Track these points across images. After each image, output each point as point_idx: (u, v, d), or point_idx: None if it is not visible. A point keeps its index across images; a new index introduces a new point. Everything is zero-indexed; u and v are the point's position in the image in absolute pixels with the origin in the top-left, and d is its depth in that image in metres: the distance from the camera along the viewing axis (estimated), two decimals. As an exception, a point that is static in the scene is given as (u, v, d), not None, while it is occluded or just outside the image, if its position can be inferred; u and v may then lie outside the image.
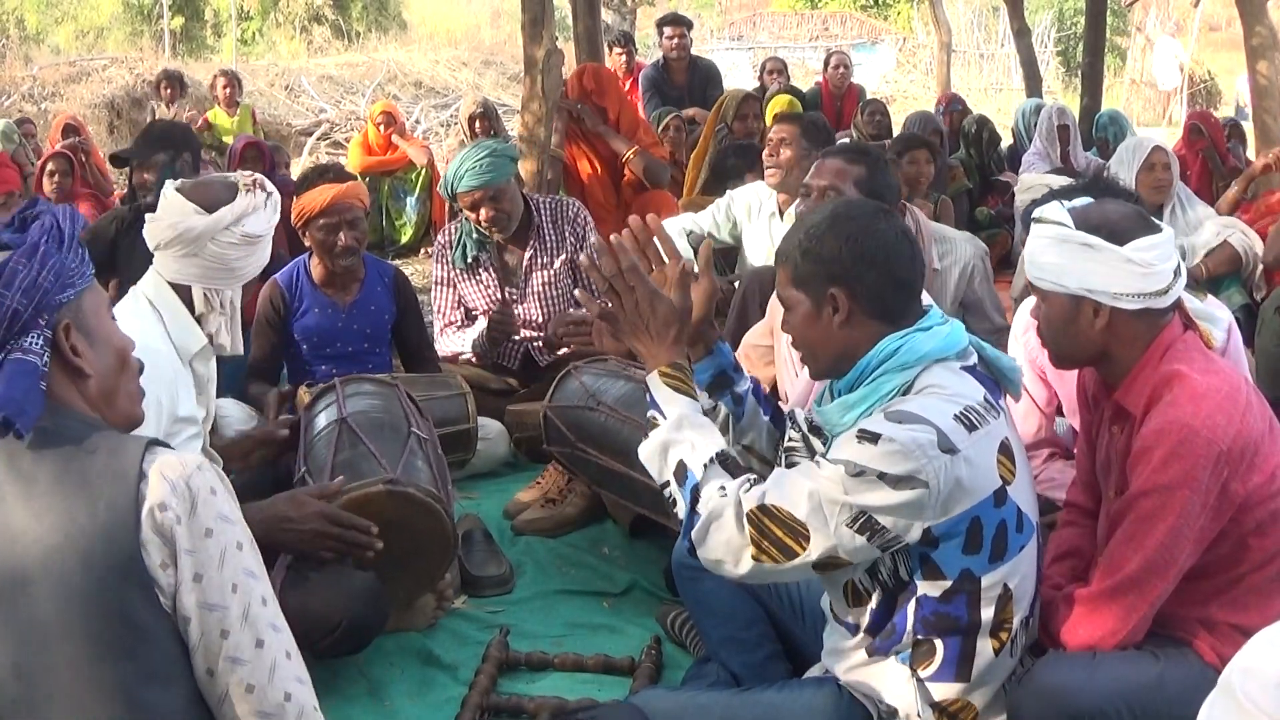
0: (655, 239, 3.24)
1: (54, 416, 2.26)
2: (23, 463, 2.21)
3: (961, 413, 2.85)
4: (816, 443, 3.16)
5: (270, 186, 4.23)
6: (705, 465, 2.96)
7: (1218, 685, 1.72)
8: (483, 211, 6.01)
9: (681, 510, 2.98)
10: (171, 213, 3.99)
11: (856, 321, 3.02)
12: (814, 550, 2.82)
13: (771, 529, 2.84)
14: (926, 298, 3.19)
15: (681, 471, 2.99)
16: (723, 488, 2.91)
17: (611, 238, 3.14)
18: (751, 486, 2.90)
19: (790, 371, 4.81)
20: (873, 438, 2.79)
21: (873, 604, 3.00)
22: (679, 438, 3.02)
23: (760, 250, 6.59)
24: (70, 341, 2.30)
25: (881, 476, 2.76)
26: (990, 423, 2.90)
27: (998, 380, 3.09)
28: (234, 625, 2.21)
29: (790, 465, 3.13)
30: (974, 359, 3.07)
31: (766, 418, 3.40)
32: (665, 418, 3.04)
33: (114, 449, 2.24)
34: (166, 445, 2.32)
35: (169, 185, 4.18)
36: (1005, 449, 2.93)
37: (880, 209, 3.17)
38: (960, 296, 5.62)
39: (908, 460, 2.75)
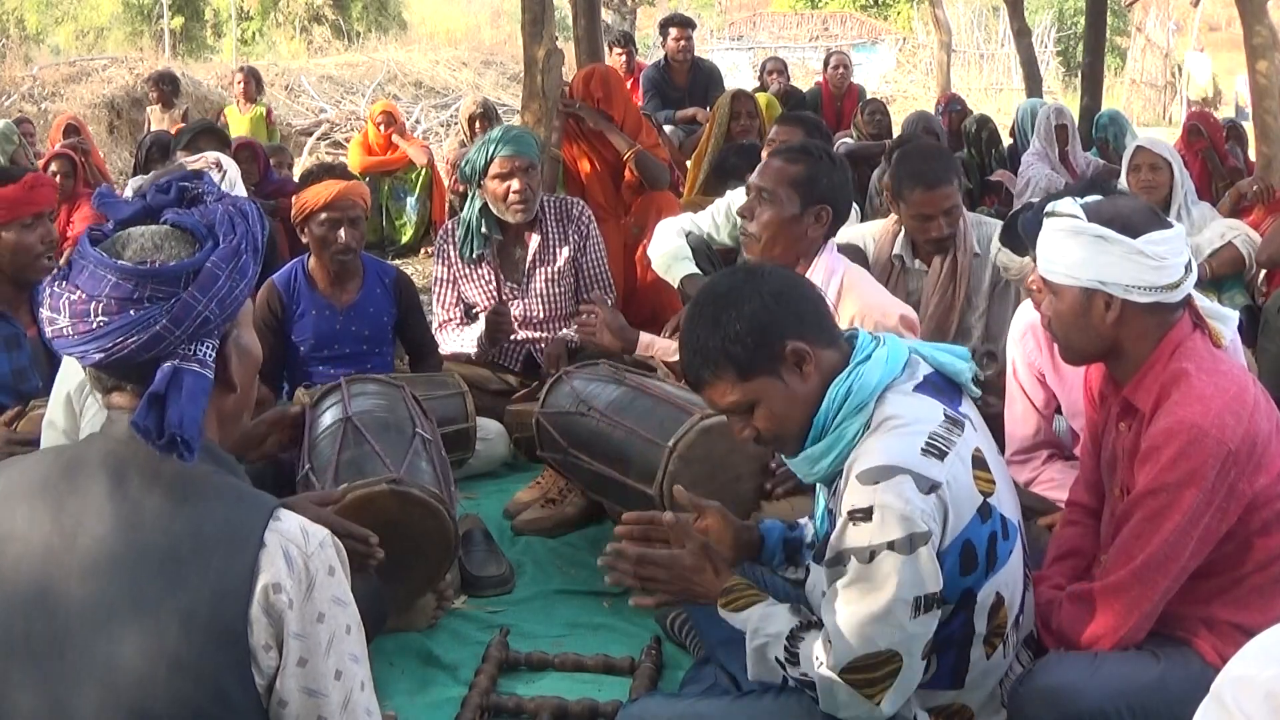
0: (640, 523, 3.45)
1: None
2: (130, 484, 2.08)
3: (927, 444, 2.85)
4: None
5: (228, 164, 4.23)
6: (787, 650, 3.02)
7: (1210, 693, 1.73)
8: (515, 182, 6.01)
9: (808, 692, 3.03)
10: None
11: (819, 362, 3.00)
12: (908, 655, 2.85)
13: (866, 675, 2.87)
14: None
15: (780, 666, 3.05)
16: (819, 659, 2.94)
17: (610, 546, 3.35)
18: (827, 649, 2.92)
19: None
20: (865, 514, 2.81)
21: None
22: (762, 643, 3.08)
23: (762, 252, 6.58)
24: (228, 352, 2.21)
25: (891, 546, 2.77)
26: (956, 442, 2.90)
27: (957, 384, 3.10)
28: (333, 712, 2.10)
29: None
30: (922, 372, 3.05)
31: None
32: (746, 633, 3.13)
33: (235, 501, 2.12)
34: (289, 509, 2.17)
35: (128, 187, 4.20)
36: (979, 462, 2.94)
37: (739, 268, 3.27)
38: (997, 279, 5.56)
39: (902, 518, 2.77)
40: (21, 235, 4.71)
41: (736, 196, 6.22)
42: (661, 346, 5.24)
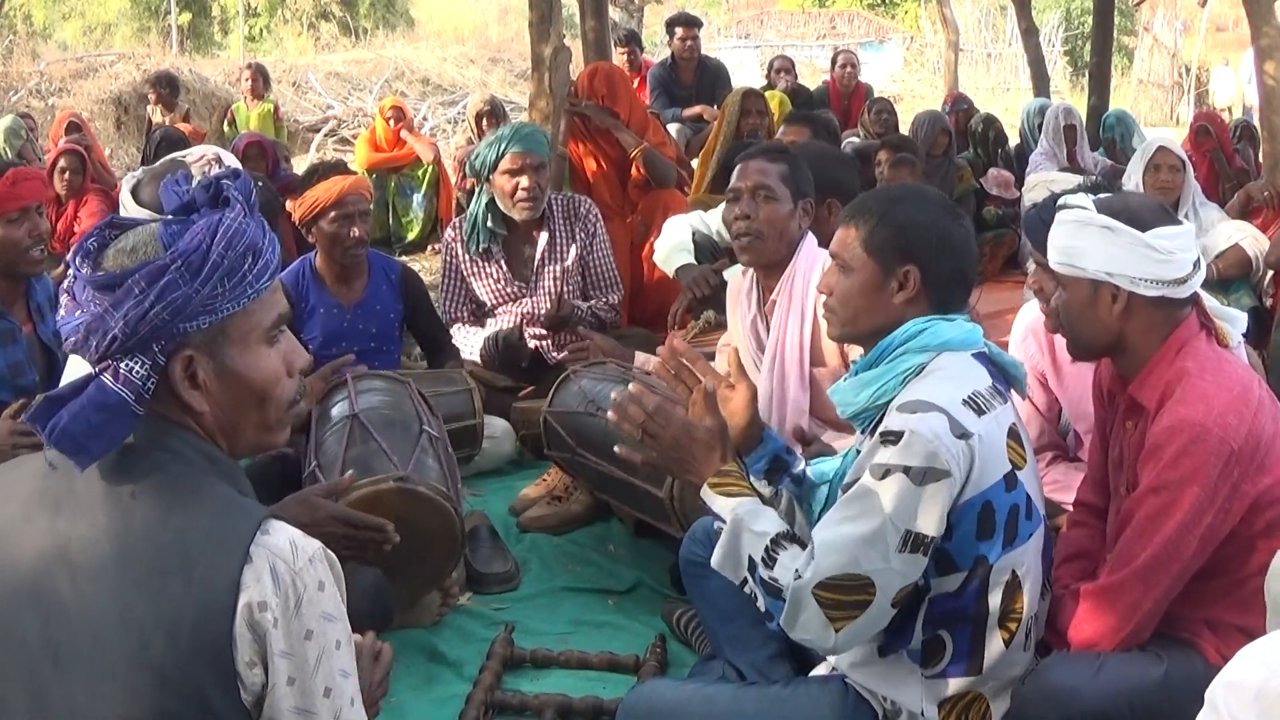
0: (686, 361, 3.37)
1: (165, 437, 2.11)
2: (122, 493, 2.05)
3: (969, 397, 2.89)
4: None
5: (229, 160, 4.23)
6: (767, 551, 2.98)
7: (1205, 701, 1.75)
8: (524, 179, 6.03)
9: (762, 603, 3.01)
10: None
11: (915, 304, 3.07)
12: (882, 591, 2.84)
13: (838, 597, 2.85)
14: None
15: (751, 567, 3.01)
16: (797, 572, 2.91)
17: (631, 387, 3.26)
18: (809, 562, 2.90)
19: (751, 365, 4.81)
20: (895, 437, 2.83)
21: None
22: (740, 537, 3.04)
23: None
24: (190, 371, 2.10)
25: (906, 471, 2.79)
26: (997, 408, 2.94)
27: (1006, 375, 3.10)
28: None
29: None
30: (984, 350, 3.09)
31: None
32: (725, 523, 3.07)
33: (223, 511, 2.06)
34: (282, 518, 2.12)
35: (128, 179, 4.21)
36: (1014, 435, 2.97)
37: (954, 207, 3.22)
38: None
39: (927, 450, 2.79)
40: (8, 231, 4.70)
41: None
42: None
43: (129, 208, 4.09)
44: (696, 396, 3.28)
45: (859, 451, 3.08)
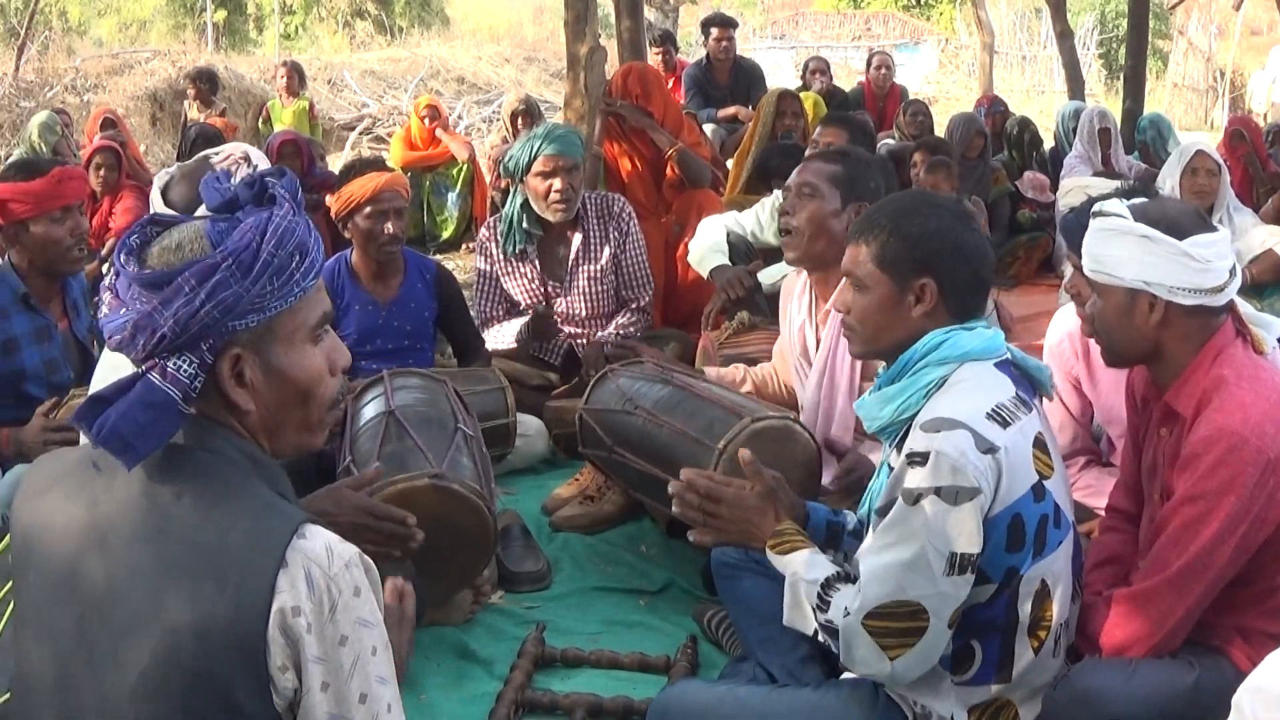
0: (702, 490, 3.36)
1: (209, 437, 2.11)
2: (162, 491, 2.05)
3: (993, 410, 2.88)
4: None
5: (257, 158, 4.25)
6: (820, 596, 3.01)
7: (1232, 708, 1.76)
8: (557, 181, 6.03)
9: (832, 646, 3.03)
10: None
11: (935, 315, 3.06)
12: (936, 616, 2.85)
13: (888, 624, 2.87)
14: None
15: (813, 614, 3.04)
16: (846, 609, 2.93)
17: (684, 473, 3.35)
18: (856, 595, 2.92)
19: (798, 377, 4.81)
20: (921, 459, 2.83)
21: None
22: (799, 589, 3.07)
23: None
24: (238, 370, 2.11)
25: (937, 492, 2.79)
26: (1022, 418, 2.92)
27: (1031, 380, 3.10)
28: None
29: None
30: (1007, 357, 3.09)
31: None
32: (786, 576, 3.11)
33: (262, 514, 2.05)
34: (319, 523, 2.10)
35: (158, 178, 4.23)
36: (1040, 444, 2.95)
37: (963, 210, 3.20)
38: None
39: (954, 468, 2.78)
40: (50, 229, 4.73)
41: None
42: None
43: (158, 207, 4.11)
44: (741, 461, 3.34)
45: (890, 467, 3.09)
